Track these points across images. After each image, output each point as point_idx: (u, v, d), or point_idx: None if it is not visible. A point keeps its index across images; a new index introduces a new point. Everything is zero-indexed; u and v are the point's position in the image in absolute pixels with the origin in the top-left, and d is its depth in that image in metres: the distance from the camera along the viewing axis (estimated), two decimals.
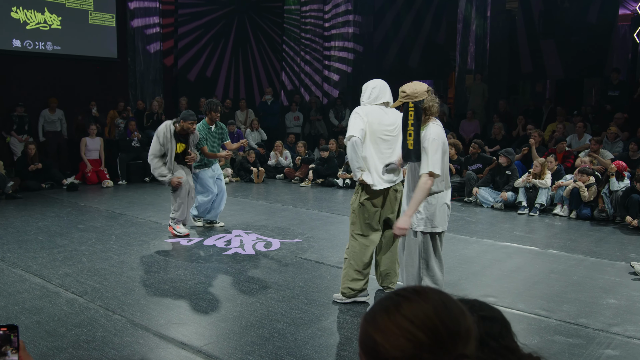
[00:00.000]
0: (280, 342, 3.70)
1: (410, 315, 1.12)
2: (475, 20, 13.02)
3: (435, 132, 3.72)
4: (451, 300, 1.18)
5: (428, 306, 1.14)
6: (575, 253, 6.11)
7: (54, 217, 7.70)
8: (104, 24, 12.49)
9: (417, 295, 1.16)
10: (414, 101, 3.71)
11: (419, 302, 1.14)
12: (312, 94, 15.63)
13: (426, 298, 1.16)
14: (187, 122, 6.47)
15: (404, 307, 1.14)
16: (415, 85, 3.78)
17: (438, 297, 1.17)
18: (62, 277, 5.04)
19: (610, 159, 8.55)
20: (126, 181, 11.11)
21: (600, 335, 3.88)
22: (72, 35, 11.96)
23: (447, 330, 1.12)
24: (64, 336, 3.76)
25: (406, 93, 3.77)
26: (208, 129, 6.94)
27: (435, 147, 3.67)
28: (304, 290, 4.77)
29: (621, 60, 12.58)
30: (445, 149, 3.77)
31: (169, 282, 4.95)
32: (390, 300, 1.17)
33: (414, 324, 1.11)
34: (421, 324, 1.11)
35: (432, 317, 1.12)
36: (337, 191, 10.59)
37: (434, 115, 3.81)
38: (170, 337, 3.78)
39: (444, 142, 3.76)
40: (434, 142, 3.67)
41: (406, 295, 1.16)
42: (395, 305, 1.15)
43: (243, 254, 5.97)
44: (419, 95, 3.72)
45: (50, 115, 11.31)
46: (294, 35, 16.24)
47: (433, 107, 3.75)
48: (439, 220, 3.84)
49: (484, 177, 9.23)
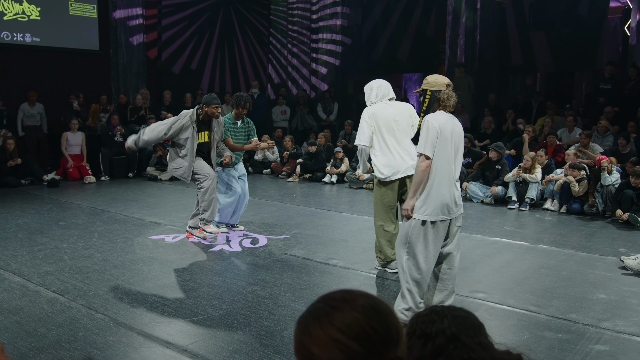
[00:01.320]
0: (268, 340, 3.70)
1: (343, 327, 1.18)
2: (465, 12, 13.05)
3: (433, 117, 3.85)
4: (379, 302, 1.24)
5: (358, 315, 1.19)
6: (565, 248, 6.17)
7: (34, 214, 7.62)
8: (85, 15, 12.35)
9: (346, 303, 1.21)
10: (432, 89, 4.00)
11: (350, 311, 1.20)
12: (299, 88, 15.59)
13: (355, 305, 1.21)
14: (210, 106, 5.96)
15: (336, 317, 1.19)
16: (437, 76, 4.10)
17: (366, 301, 1.22)
18: (43, 276, 4.99)
19: (600, 153, 8.64)
20: (109, 177, 11.02)
21: (590, 330, 3.92)
22: (51, 26, 11.81)
23: (379, 337, 1.18)
24: (45, 336, 3.72)
25: (427, 81, 4.09)
26: (234, 124, 6.56)
27: (425, 130, 3.82)
28: (292, 288, 4.77)
29: (611, 53, 12.69)
30: (445, 137, 3.80)
31: (153, 280, 4.93)
32: (321, 310, 1.22)
33: (346, 335, 1.17)
34: (354, 335, 1.17)
35: (364, 325, 1.18)
36: (325, 186, 10.59)
37: (448, 110, 3.94)
38: (155, 335, 3.76)
39: (442, 130, 3.80)
40: (426, 123, 3.84)
41: (336, 306, 1.21)
42: (327, 316, 1.20)
43: (229, 251, 5.95)
44: (438, 86, 4.00)
45: (30, 109, 11.17)
46: (281, 27, 16.18)
47: (449, 100, 3.92)
48: (431, 209, 3.84)
49: (473, 172, 9.29)
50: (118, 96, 12.69)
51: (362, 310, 1.20)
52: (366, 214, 7.85)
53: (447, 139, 3.81)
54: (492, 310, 4.33)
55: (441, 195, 3.83)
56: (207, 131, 6.09)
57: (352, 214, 7.90)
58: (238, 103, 6.48)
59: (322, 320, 1.20)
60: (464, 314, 1.46)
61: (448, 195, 3.85)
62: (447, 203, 3.85)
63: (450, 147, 3.85)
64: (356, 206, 8.63)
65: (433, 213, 3.84)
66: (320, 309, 1.23)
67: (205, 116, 6.02)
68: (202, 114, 6.01)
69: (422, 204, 3.85)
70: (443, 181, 3.83)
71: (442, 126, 3.80)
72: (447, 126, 3.83)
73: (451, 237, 4.03)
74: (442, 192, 3.83)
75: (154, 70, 14.17)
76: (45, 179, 10.18)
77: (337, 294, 1.26)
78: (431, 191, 3.83)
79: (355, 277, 5.13)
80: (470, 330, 1.41)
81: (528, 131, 9.78)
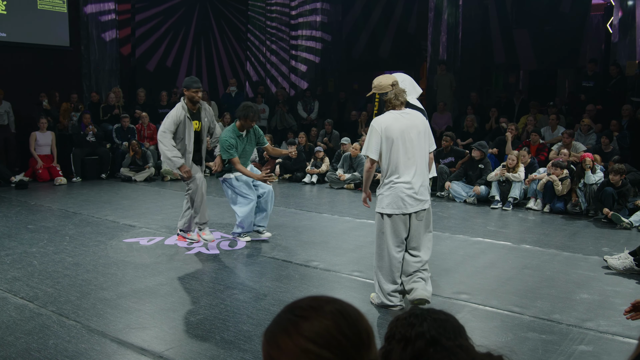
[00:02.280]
0: (247, 345, 3.69)
1: (312, 336, 1.17)
2: (447, 9, 13.15)
3: (376, 120, 4.21)
4: (347, 306, 1.24)
5: (327, 322, 1.19)
6: (548, 248, 6.25)
7: (1, 217, 7.49)
8: (54, 10, 12.17)
9: (314, 311, 1.21)
10: (380, 93, 4.23)
11: (318, 319, 1.19)
12: (278, 85, 15.57)
13: (323, 312, 1.20)
14: (190, 90, 5.91)
15: (304, 327, 1.18)
16: (382, 78, 4.29)
17: (334, 307, 1.22)
18: (11, 282, 4.91)
19: (583, 151, 8.77)
20: (81, 178, 10.88)
21: (573, 330, 3.98)
22: (19, 21, 11.61)
23: (350, 343, 1.19)
24: (13, 345, 3.66)
25: (374, 85, 4.32)
26: (238, 137, 6.10)
27: (369, 133, 4.21)
28: (271, 291, 4.76)
29: (594, 50, 12.90)
30: (388, 137, 4.14)
31: (128, 285, 4.88)
32: (288, 321, 1.21)
33: (317, 344, 1.17)
34: (325, 343, 1.17)
35: (334, 332, 1.18)
36: (305, 187, 10.59)
37: (398, 108, 4.23)
38: (129, 342, 3.72)
39: (385, 129, 4.14)
40: (370, 127, 4.22)
41: (303, 315, 1.21)
42: (294, 326, 1.19)
43: (206, 254, 5.92)
44: (384, 88, 4.24)
45: None
46: (259, 23, 16.13)
47: (397, 99, 4.20)
48: (388, 202, 4.21)
49: (456, 171, 9.36)
50: (90, 94, 12.54)
51: (330, 316, 1.20)
52: (347, 215, 7.87)
53: (395, 138, 4.14)
54: (475, 311, 4.37)
55: (392, 190, 4.20)
56: (197, 120, 6.12)
57: (333, 215, 7.91)
58: (247, 115, 6.03)
59: (290, 330, 1.19)
60: (444, 316, 1.46)
61: (401, 190, 4.19)
62: (402, 197, 4.19)
63: (405, 143, 4.17)
64: (337, 207, 8.64)
65: (388, 206, 4.21)
66: (287, 319, 1.22)
67: (190, 102, 5.99)
68: (187, 101, 5.99)
69: (381, 199, 4.27)
70: (393, 177, 4.20)
71: (388, 127, 4.15)
72: (394, 125, 4.16)
73: (413, 229, 4.32)
74: (393, 187, 4.20)
75: (127, 67, 14.04)
76: (13, 181, 10.02)
77: (303, 302, 1.25)
78: (385, 187, 4.25)
79: (336, 279, 5.14)
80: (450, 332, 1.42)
81: (511, 129, 9.89)
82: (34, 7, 11.85)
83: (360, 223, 7.36)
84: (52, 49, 12.26)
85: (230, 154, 5.99)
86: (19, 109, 11.34)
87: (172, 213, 7.81)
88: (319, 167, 10.90)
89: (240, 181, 6.17)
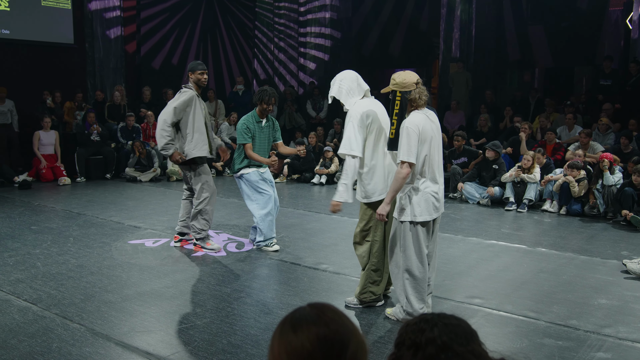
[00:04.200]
0: (254, 349, 3.69)
1: (289, 349, 1.31)
2: (460, 4, 13.10)
3: (411, 121, 3.91)
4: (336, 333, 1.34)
5: (307, 344, 1.31)
6: (565, 251, 6.21)
7: (4, 218, 7.54)
8: (58, 6, 12.25)
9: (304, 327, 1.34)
10: (402, 91, 3.97)
11: (301, 337, 1.32)
12: (286, 84, 15.58)
13: (309, 333, 1.33)
14: (196, 72, 5.80)
15: (289, 338, 1.33)
16: (406, 74, 4.03)
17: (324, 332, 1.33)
18: (14, 284, 4.94)
19: (601, 152, 8.71)
20: (85, 178, 10.94)
21: (591, 337, 3.95)
22: (22, 18, 11.70)
23: None
24: (16, 348, 3.68)
25: (395, 82, 4.03)
26: (258, 123, 5.98)
27: (406, 135, 3.88)
28: (279, 294, 4.76)
29: (613, 47, 12.80)
30: (424, 139, 3.91)
31: (133, 287, 4.90)
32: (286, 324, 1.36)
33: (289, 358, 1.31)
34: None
35: (306, 356, 1.30)
36: (313, 187, 10.59)
37: (421, 108, 4.00)
38: (134, 346, 3.74)
39: (422, 131, 3.90)
40: (405, 129, 3.89)
41: (295, 325, 1.35)
42: (286, 332, 1.35)
43: (213, 256, 5.93)
44: (408, 86, 3.97)
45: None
46: (267, 20, 16.16)
47: (420, 99, 3.96)
48: (420, 209, 3.98)
49: (469, 172, 9.32)
50: (94, 92, 12.61)
51: (313, 339, 1.31)
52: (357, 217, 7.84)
53: (428, 140, 3.95)
54: (489, 316, 4.35)
55: (426, 195, 4.00)
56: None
57: (343, 217, 7.90)
58: (262, 98, 5.90)
59: (282, 334, 1.34)
60: (456, 321, 1.45)
61: (433, 194, 4.03)
62: (433, 202, 4.03)
63: (434, 145, 4.00)
64: (347, 208, 8.60)
65: (421, 214, 3.98)
66: (288, 322, 1.36)
67: (196, 86, 5.87)
68: (194, 87, 5.86)
69: (410, 206, 3.99)
70: (427, 181, 4.01)
71: (422, 128, 3.91)
72: (426, 126, 3.95)
73: (434, 233, 4.21)
74: (427, 192, 4.00)
75: (132, 65, 14.10)
76: (17, 181, 10.08)
77: (307, 311, 1.38)
78: (418, 193, 3.98)
79: (345, 282, 5.13)
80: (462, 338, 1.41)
81: (524, 129, 9.83)
82: (38, 3, 11.93)
83: None
84: (56, 47, 12.34)
85: (245, 138, 5.89)
86: (22, 108, 11.42)
87: (178, 214, 7.83)
88: (328, 167, 10.89)
89: (256, 176, 6.03)
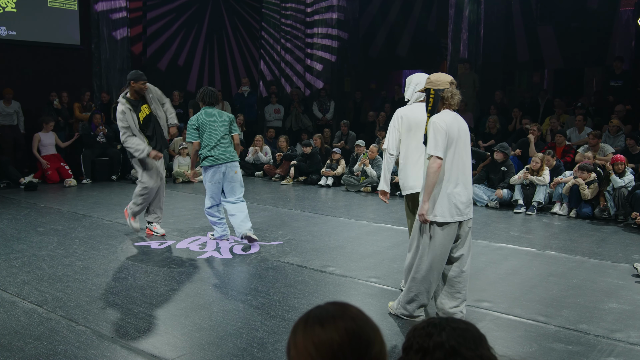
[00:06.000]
0: (260, 353, 3.69)
1: (317, 342, 1.33)
2: (469, 5, 13.07)
3: (439, 117, 4.01)
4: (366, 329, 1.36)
5: (335, 336, 1.33)
6: (575, 254, 6.18)
7: (10, 220, 7.59)
8: (64, 8, 12.32)
9: (332, 321, 1.35)
10: (435, 88, 4.09)
11: (330, 330, 1.34)
12: (293, 85, 15.60)
13: (337, 326, 1.34)
14: (139, 82, 6.33)
15: (316, 331, 1.35)
16: (440, 74, 4.20)
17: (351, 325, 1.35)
18: (20, 285, 4.97)
19: (612, 154, 8.66)
20: (91, 180, 10.98)
21: (602, 342, 3.93)
22: (29, 19, 11.77)
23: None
24: (22, 350, 3.70)
25: (430, 80, 4.18)
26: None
27: (433, 130, 3.96)
28: (285, 297, 4.77)
29: (624, 48, 12.73)
30: (451, 137, 3.98)
31: (139, 290, 4.91)
32: (311, 319, 1.38)
33: (317, 352, 1.32)
34: (323, 353, 1.32)
35: (335, 348, 1.32)
36: (320, 189, 10.59)
37: (453, 107, 4.11)
38: (140, 349, 3.75)
39: (450, 130, 3.97)
40: (432, 124, 3.98)
41: (322, 319, 1.37)
42: (311, 326, 1.37)
43: (219, 258, 5.94)
44: (442, 84, 4.09)
45: (5, 107, 11.10)
46: (274, 21, 16.18)
47: (453, 98, 4.07)
48: (440, 210, 4.01)
49: (477, 174, 9.30)
50: (100, 94, 12.66)
51: (342, 332, 1.32)
52: (364, 219, 7.85)
53: (454, 139, 4.00)
54: (498, 320, 4.34)
55: (448, 196, 4.00)
56: (145, 104, 6.42)
57: (350, 219, 7.90)
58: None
59: (307, 328, 1.35)
60: (464, 325, 1.45)
61: (457, 196, 4.02)
62: (455, 204, 4.02)
63: (461, 146, 4.04)
64: (353, 210, 8.63)
65: (442, 214, 4.00)
66: (312, 317, 1.37)
67: (135, 94, 6.33)
68: (132, 93, 6.32)
69: (432, 205, 4.03)
70: (451, 182, 4.02)
71: (449, 126, 3.98)
72: (453, 125, 4.01)
73: (462, 238, 4.18)
74: (450, 193, 4.01)
75: (138, 66, 14.10)
76: (23, 182, 10.13)
77: (331, 307, 1.39)
78: (440, 192, 4.01)
79: (352, 285, 5.13)
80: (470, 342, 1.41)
81: (533, 130, 9.79)
82: (44, 4, 12.01)
83: (378, 227, 7.34)
84: (62, 48, 12.41)
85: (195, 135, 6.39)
86: (28, 109, 11.49)
87: (184, 216, 7.87)
88: (334, 169, 10.89)
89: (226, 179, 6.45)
